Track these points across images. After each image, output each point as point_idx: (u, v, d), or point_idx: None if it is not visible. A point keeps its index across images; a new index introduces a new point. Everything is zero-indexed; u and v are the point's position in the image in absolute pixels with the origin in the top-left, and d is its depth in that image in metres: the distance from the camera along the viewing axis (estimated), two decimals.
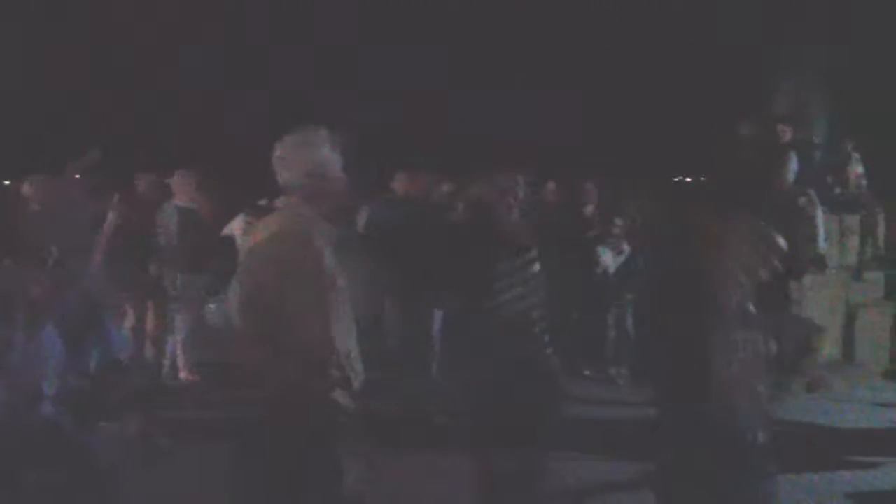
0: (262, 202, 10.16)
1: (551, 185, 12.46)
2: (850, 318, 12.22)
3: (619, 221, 11.77)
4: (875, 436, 9.43)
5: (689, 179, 15.74)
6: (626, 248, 11.72)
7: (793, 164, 12.16)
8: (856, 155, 12.64)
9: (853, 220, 12.55)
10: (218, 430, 5.96)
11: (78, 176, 10.28)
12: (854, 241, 12.55)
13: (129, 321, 10.54)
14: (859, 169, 12.61)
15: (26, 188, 10.20)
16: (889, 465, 8.29)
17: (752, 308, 4.44)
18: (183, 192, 11.07)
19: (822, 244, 11.76)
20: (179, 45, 16.40)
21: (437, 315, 10.15)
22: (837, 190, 12.49)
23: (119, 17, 16.17)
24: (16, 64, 15.83)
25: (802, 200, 11.90)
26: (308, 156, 4.26)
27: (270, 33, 16.78)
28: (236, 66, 16.85)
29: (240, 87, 16.71)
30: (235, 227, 11.09)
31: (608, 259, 11.66)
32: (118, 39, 16.01)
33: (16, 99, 15.72)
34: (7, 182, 12.89)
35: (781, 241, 4.50)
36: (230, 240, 10.82)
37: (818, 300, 11.81)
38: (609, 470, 8.04)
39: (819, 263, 11.75)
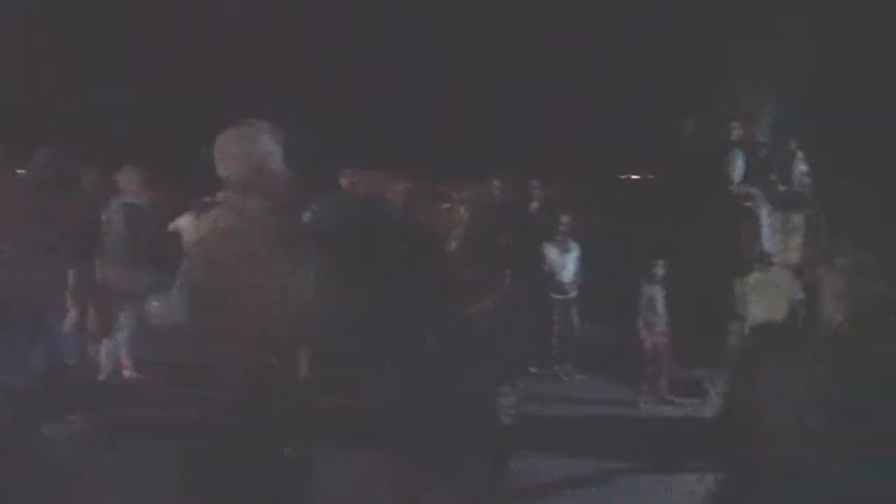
0: (208, 199, 10.09)
1: (496, 183, 12.44)
2: (791, 314, 12.29)
3: (565, 219, 11.79)
4: None
5: (635, 177, 15.84)
6: (573, 245, 11.75)
7: (738, 162, 12.28)
8: (800, 153, 12.73)
9: (797, 218, 12.64)
10: (165, 428, 5.91)
11: (25, 172, 10.14)
12: (798, 239, 12.64)
13: (73, 320, 10.42)
14: (803, 167, 12.71)
15: None
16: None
17: None
18: (129, 188, 10.94)
19: (767, 242, 11.85)
20: (124, 39, 16.22)
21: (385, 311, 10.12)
22: (782, 188, 12.57)
23: (65, 9, 15.99)
24: None
25: (747, 198, 12.01)
26: (249, 150, 4.22)
27: (218, 27, 16.63)
28: (183, 61, 16.69)
29: (186, 81, 16.55)
30: (182, 223, 10.98)
31: (554, 256, 11.68)
32: (61, 33, 15.81)
33: None
34: None
35: None
36: (176, 236, 10.73)
37: (762, 297, 11.89)
38: (557, 466, 8.06)
39: (764, 260, 11.85)
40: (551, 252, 11.69)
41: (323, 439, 4.56)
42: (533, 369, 11.51)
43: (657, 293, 10.78)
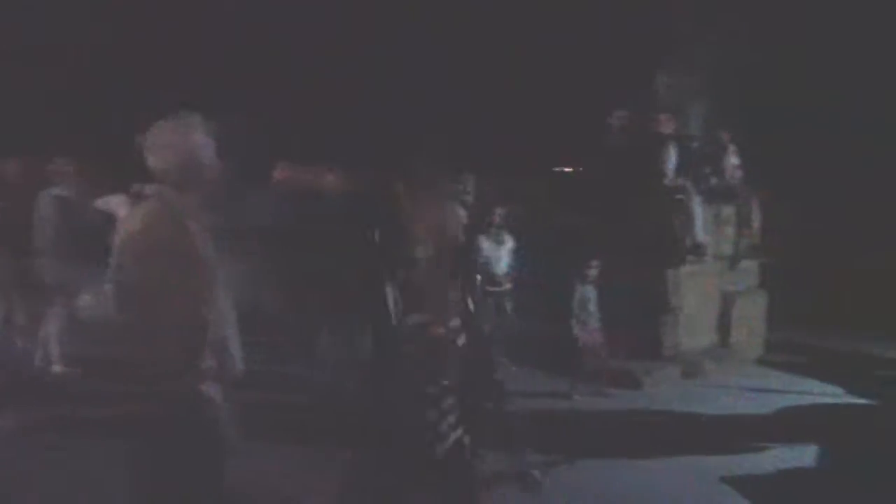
0: (138, 189, 9.96)
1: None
2: (725, 307, 12.45)
3: (500, 211, 11.81)
4: (749, 421, 9.64)
5: (568, 170, 15.88)
6: (507, 237, 11.77)
7: (671, 156, 12.39)
8: (732, 146, 12.85)
9: (729, 210, 12.78)
10: (93, 424, 5.84)
11: None
12: (730, 231, 12.78)
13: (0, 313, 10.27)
14: (735, 160, 12.83)
15: None
16: (763, 450, 8.49)
17: None
18: (60, 179, 10.78)
19: (700, 233, 11.98)
20: (52, 27, 15.96)
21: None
22: (714, 180, 12.69)
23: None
24: None
25: (680, 191, 12.13)
26: (181, 142, 4.16)
27: (151, 16, 16.43)
28: (115, 51, 16.47)
29: (119, 72, 16.33)
30: (114, 203, 10.80)
31: (488, 248, 11.69)
32: None
33: None
34: None
35: None
36: (107, 227, 10.56)
37: (694, 289, 12.02)
38: (491, 459, 8.07)
39: (698, 251, 11.98)
40: (485, 245, 11.69)
41: (258, 435, 4.53)
42: None
43: (591, 292, 10.83)
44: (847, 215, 15.72)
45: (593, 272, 10.77)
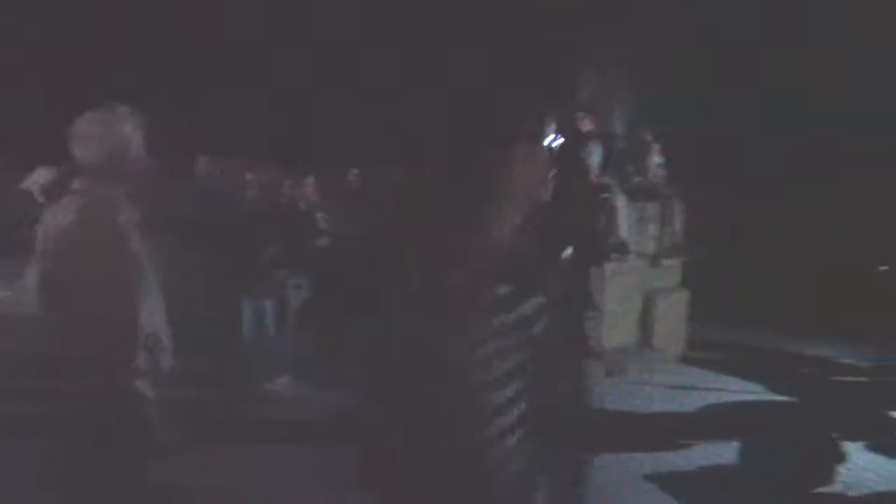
0: (60, 177, 9.78)
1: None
2: (648, 305, 12.53)
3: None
4: (671, 419, 9.72)
5: None
6: None
7: (595, 154, 12.43)
8: (655, 145, 12.93)
9: (652, 209, 12.85)
10: (22, 422, 5.69)
11: None
12: (652, 229, 12.85)
13: None
14: (658, 159, 12.91)
15: None
16: (686, 448, 8.56)
17: None
18: None
19: (623, 231, 12.03)
20: None
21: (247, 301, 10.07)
22: (637, 179, 12.76)
23: None
24: None
25: (604, 189, 12.17)
26: (109, 134, 4.08)
27: (80, 5, 16.15)
28: (38, 40, 16.16)
29: (41, 61, 16.02)
30: (38, 181, 10.56)
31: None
32: None
33: None
34: None
35: None
36: (31, 218, 10.34)
37: (617, 287, 12.08)
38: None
39: (622, 249, 12.02)
40: None
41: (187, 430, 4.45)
42: None
43: None
44: (767, 214, 15.95)
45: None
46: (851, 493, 7.55)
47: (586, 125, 12.42)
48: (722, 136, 15.74)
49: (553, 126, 3.31)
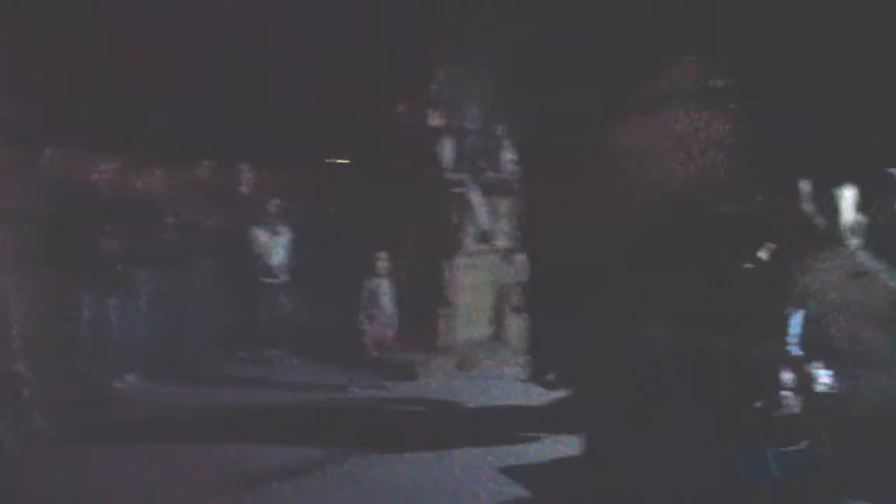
0: None
1: (206, 164, 12.06)
2: (500, 299, 12.53)
3: (275, 202, 11.62)
4: (524, 412, 9.71)
5: (343, 161, 15.73)
6: (283, 229, 11.58)
7: (448, 149, 12.40)
8: (507, 140, 12.93)
9: (504, 204, 12.85)
10: None
11: None
12: (504, 224, 12.86)
13: None
14: (511, 154, 12.91)
15: None
16: (538, 440, 8.55)
17: None
18: None
19: (476, 227, 12.02)
20: None
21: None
22: (490, 174, 12.73)
23: None
24: None
25: (457, 184, 12.15)
26: None
27: None
28: None
29: None
30: None
31: (264, 239, 11.48)
32: None
33: None
34: None
35: None
36: None
37: (470, 281, 12.06)
38: (268, 452, 7.90)
39: (482, 242, 12.02)
40: (261, 236, 11.47)
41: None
42: (242, 354, 11.25)
43: (378, 284, 10.75)
44: (619, 211, 16.13)
45: (381, 263, 10.71)
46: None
47: (441, 120, 12.40)
48: (576, 132, 15.84)
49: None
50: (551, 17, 13.64)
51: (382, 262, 10.83)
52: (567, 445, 8.40)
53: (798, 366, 5.11)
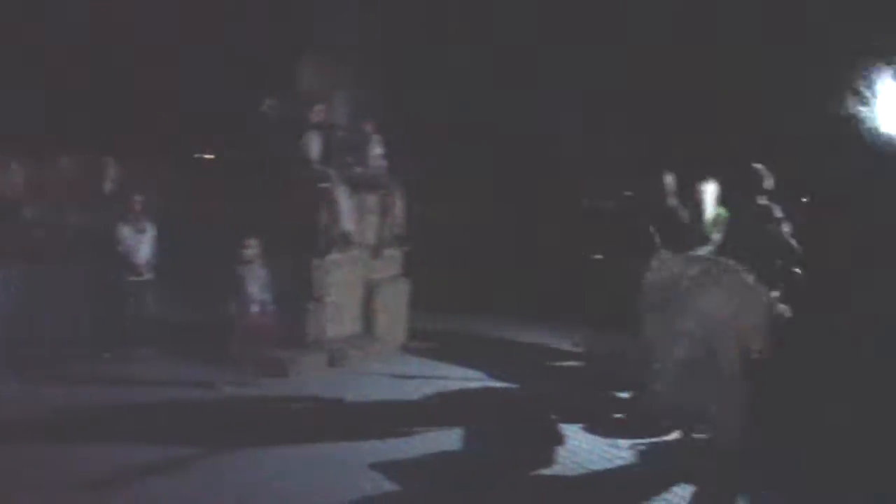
0: None
1: (67, 159, 11.80)
2: (369, 295, 12.52)
3: (139, 198, 11.41)
4: (395, 407, 9.74)
5: (212, 156, 15.56)
6: (148, 225, 11.38)
7: (315, 144, 12.34)
8: (376, 136, 12.91)
9: (372, 200, 12.84)
10: None
11: None
12: (373, 220, 12.84)
13: None
14: (379, 149, 12.91)
15: None
16: (409, 435, 8.59)
17: None
18: None
19: (345, 222, 11.99)
20: None
21: None
22: (357, 170, 12.70)
23: None
24: None
25: (324, 179, 12.09)
26: None
27: None
28: None
29: None
30: None
31: (128, 236, 11.27)
32: None
33: None
34: None
35: None
36: None
37: (339, 277, 12.03)
38: (129, 451, 7.76)
39: (344, 241, 11.99)
40: (125, 233, 11.26)
41: None
42: (107, 353, 11.03)
43: (247, 275, 10.63)
44: (490, 207, 16.32)
45: (250, 252, 10.62)
46: (570, 474, 7.76)
47: (308, 115, 12.35)
48: (441, 130, 15.97)
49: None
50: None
51: (250, 257, 10.73)
52: (439, 440, 8.47)
53: None
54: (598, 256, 10.70)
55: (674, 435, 8.68)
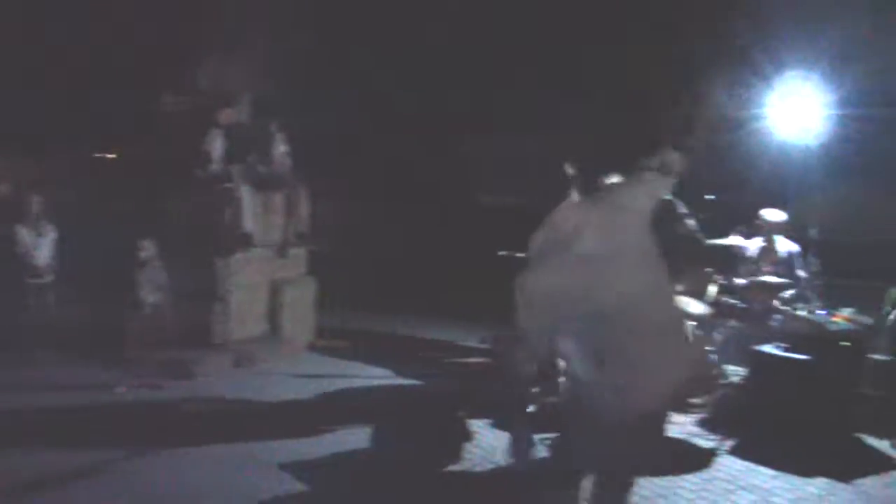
0: None
1: None
2: (274, 294, 12.47)
3: (37, 199, 11.24)
4: (302, 407, 9.71)
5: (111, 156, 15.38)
6: (48, 227, 11.22)
7: (218, 143, 12.25)
8: (280, 134, 12.84)
9: (277, 198, 12.77)
10: None
11: None
12: (278, 219, 12.78)
13: None
14: (283, 147, 12.84)
15: None
16: (318, 434, 8.56)
17: None
18: None
19: (247, 222, 11.92)
20: None
21: None
22: (262, 168, 12.61)
23: None
24: None
25: (227, 178, 12.01)
26: None
27: None
28: None
29: None
30: None
31: (28, 238, 11.09)
32: None
33: None
34: None
35: None
36: None
37: (243, 276, 11.96)
38: (36, 460, 7.62)
39: (246, 241, 11.92)
40: (25, 235, 11.08)
41: None
42: (3, 355, 10.82)
43: (141, 277, 10.52)
44: (394, 204, 16.36)
45: (147, 253, 10.51)
46: (479, 469, 7.79)
47: (211, 114, 12.27)
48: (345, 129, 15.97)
49: None
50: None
51: (144, 259, 10.63)
52: (347, 438, 8.46)
53: None
54: (503, 253, 10.74)
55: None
